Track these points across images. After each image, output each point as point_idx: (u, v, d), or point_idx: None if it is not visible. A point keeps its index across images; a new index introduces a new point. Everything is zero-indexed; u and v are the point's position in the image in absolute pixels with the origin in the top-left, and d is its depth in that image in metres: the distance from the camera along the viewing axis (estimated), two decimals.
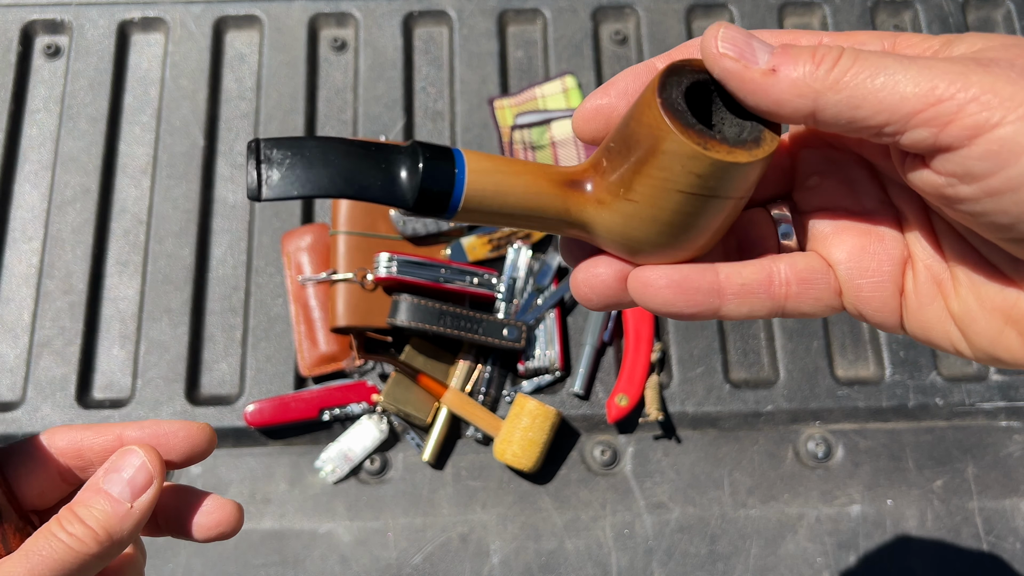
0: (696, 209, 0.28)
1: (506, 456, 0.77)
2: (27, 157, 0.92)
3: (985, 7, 1.02)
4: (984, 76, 0.22)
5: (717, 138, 0.27)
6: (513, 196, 0.30)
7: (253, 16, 0.98)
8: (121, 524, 0.32)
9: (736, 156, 0.26)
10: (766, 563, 0.77)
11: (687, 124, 0.27)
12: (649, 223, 0.28)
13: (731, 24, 0.26)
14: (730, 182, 0.27)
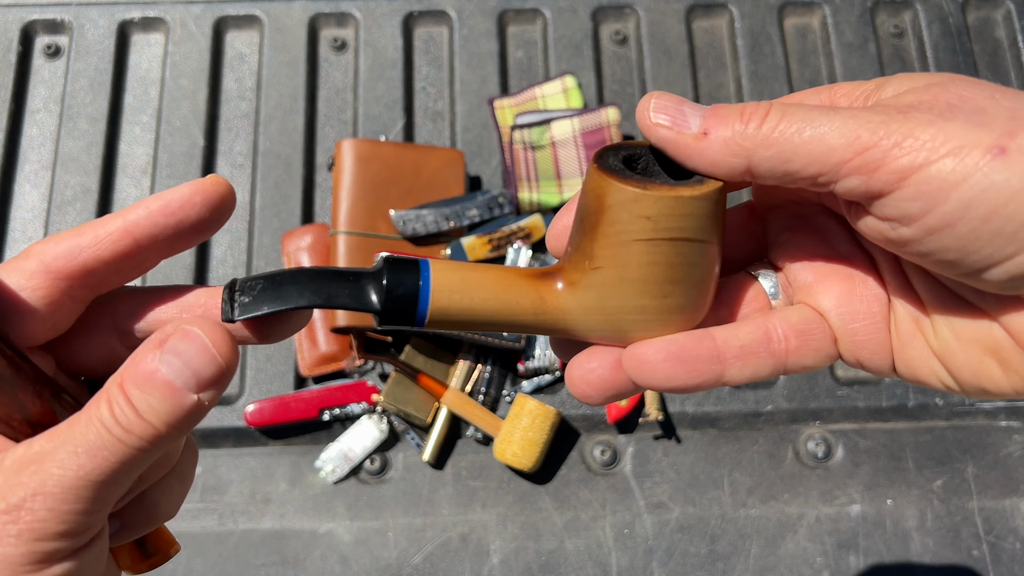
0: (659, 258, 0.27)
1: (506, 456, 0.77)
2: (27, 157, 0.92)
3: (985, 7, 1.02)
4: (903, 123, 0.23)
5: (657, 182, 0.27)
6: (484, 305, 0.29)
7: (253, 16, 0.98)
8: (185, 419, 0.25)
9: (679, 192, 0.26)
10: (766, 563, 0.77)
11: (624, 176, 0.27)
12: (619, 285, 0.28)
13: (663, 92, 0.27)
14: (682, 220, 0.26)
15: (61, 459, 0.24)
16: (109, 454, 0.24)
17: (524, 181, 0.88)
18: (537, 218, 0.87)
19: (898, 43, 1.01)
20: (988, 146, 0.22)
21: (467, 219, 0.85)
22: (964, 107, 0.23)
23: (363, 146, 0.84)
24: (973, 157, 0.22)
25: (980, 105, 0.23)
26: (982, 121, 0.22)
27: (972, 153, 0.22)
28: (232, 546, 0.77)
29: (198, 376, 0.25)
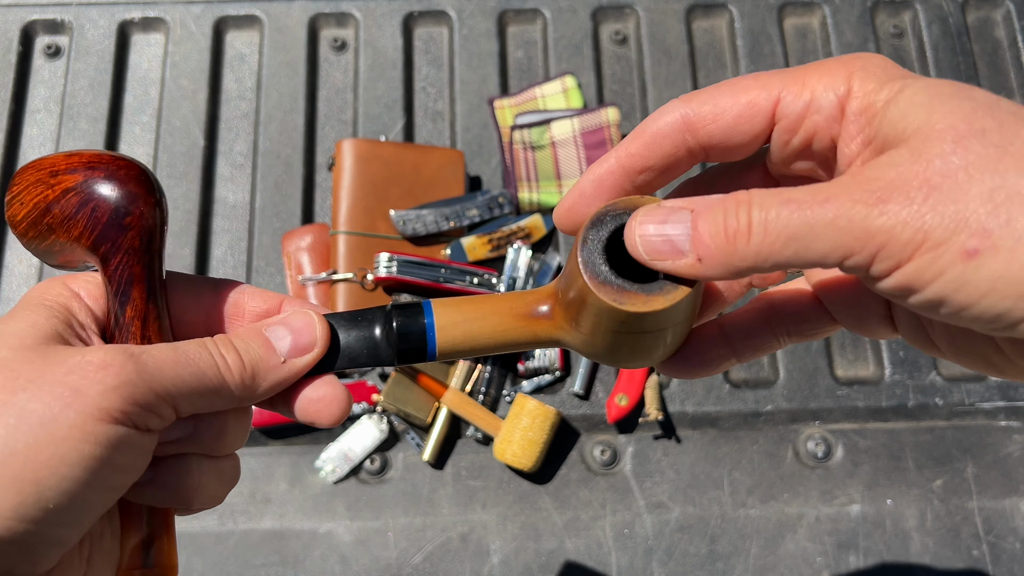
0: (635, 343, 0.31)
1: (506, 456, 0.77)
2: (28, 157, 0.92)
3: (984, 7, 1.03)
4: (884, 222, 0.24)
5: (634, 290, 0.29)
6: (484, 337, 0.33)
7: (253, 16, 0.98)
8: (268, 374, 0.32)
9: (652, 304, 0.28)
10: (766, 563, 0.77)
11: (604, 281, 0.29)
12: (602, 348, 0.32)
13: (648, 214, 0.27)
14: (654, 323, 0.29)
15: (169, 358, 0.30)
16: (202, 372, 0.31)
17: (524, 181, 0.88)
18: (537, 218, 0.87)
19: (898, 43, 1.01)
20: (960, 248, 0.23)
21: (467, 219, 0.85)
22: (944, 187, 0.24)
23: (363, 146, 0.84)
24: (947, 257, 0.23)
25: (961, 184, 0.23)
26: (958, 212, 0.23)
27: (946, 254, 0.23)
28: (232, 546, 0.77)
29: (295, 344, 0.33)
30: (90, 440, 0.28)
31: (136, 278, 0.34)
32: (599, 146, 0.88)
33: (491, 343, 0.33)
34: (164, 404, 0.30)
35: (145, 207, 0.35)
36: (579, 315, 0.31)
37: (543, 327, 0.33)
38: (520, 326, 0.34)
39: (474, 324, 0.33)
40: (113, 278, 0.34)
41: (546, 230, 0.88)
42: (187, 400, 0.31)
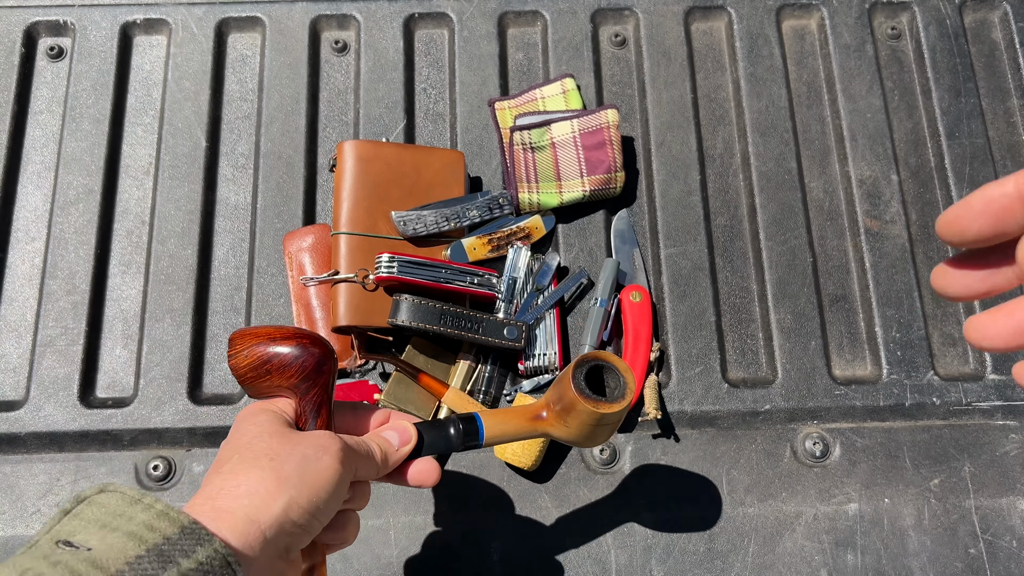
0: (600, 430, 0.62)
1: (506, 455, 0.78)
2: (30, 158, 0.93)
3: (982, 9, 1.03)
4: None
5: (604, 400, 0.60)
6: (510, 432, 0.63)
7: (255, 18, 0.98)
8: (391, 456, 0.59)
9: (613, 408, 0.60)
10: (764, 561, 0.78)
11: (587, 397, 0.60)
12: (579, 438, 0.63)
13: None
14: (614, 417, 0.61)
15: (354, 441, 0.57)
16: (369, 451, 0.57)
17: (524, 182, 0.88)
18: (537, 219, 0.88)
19: (895, 45, 1.01)
20: None
21: (467, 219, 0.85)
22: None
23: (364, 147, 0.85)
24: None
25: None
26: None
27: None
28: None
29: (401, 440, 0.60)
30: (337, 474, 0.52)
31: (323, 402, 0.59)
32: (598, 147, 0.89)
33: (513, 435, 0.64)
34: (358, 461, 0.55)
35: (332, 363, 0.59)
36: (567, 417, 0.61)
37: (542, 425, 0.63)
38: (529, 425, 0.63)
39: (504, 426, 0.63)
40: (310, 401, 0.58)
41: (546, 230, 0.88)
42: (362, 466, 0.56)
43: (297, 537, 0.50)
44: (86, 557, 0.41)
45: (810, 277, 0.90)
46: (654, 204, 0.92)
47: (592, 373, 0.61)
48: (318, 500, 0.50)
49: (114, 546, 0.42)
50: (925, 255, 0.92)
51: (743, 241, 0.91)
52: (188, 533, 0.44)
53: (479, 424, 0.61)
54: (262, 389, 0.58)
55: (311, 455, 0.52)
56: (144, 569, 0.41)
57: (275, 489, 0.49)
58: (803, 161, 0.95)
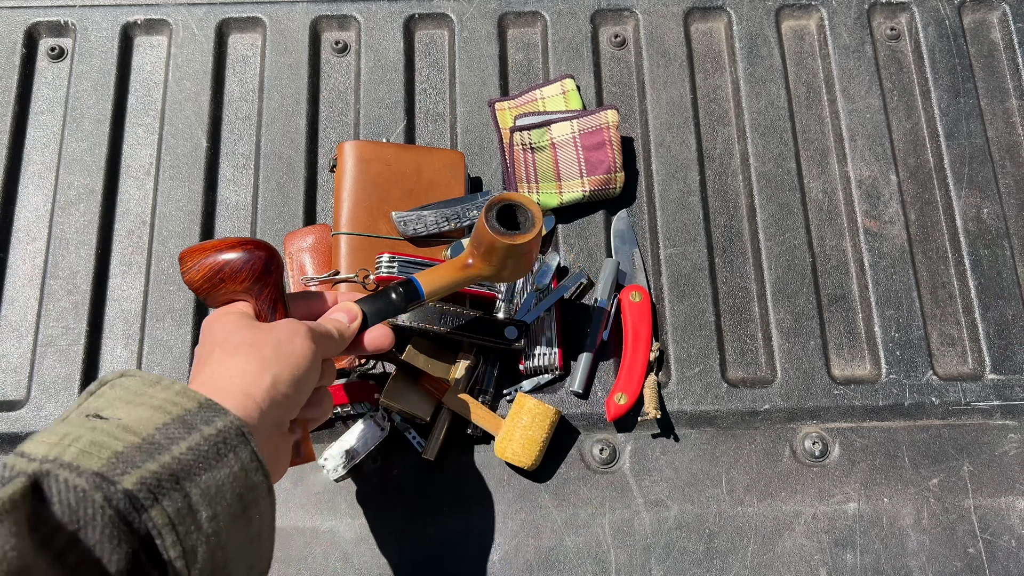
0: (521, 262, 0.70)
1: (506, 454, 0.78)
2: (31, 158, 0.93)
3: (981, 9, 1.03)
4: None
5: (514, 233, 0.67)
6: (447, 282, 0.70)
7: (256, 19, 0.99)
8: (345, 330, 0.64)
9: (527, 237, 0.67)
10: (763, 560, 0.78)
11: (499, 232, 0.66)
12: (505, 272, 0.70)
13: None
14: (528, 246, 0.68)
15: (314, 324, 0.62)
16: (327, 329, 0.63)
17: (524, 182, 0.89)
18: None
19: (894, 45, 1.01)
20: None
21: (467, 220, 0.86)
22: None
23: (364, 147, 0.85)
24: None
25: None
26: None
27: None
28: None
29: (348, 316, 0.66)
30: (311, 350, 0.58)
31: (278, 297, 0.64)
32: (598, 148, 0.89)
33: (449, 285, 0.70)
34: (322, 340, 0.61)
35: (279, 261, 0.64)
36: (490, 256, 0.69)
37: (472, 271, 0.70)
38: (461, 274, 0.71)
39: (439, 279, 0.70)
40: (266, 299, 0.63)
41: (546, 230, 0.88)
42: (326, 344, 0.61)
43: (286, 409, 0.56)
44: (118, 423, 0.46)
45: (809, 277, 0.90)
46: (654, 204, 0.92)
47: (503, 213, 0.68)
48: (299, 373, 0.57)
49: (142, 417, 0.47)
50: (924, 255, 0.92)
51: (742, 241, 0.92)
52: (206, 407, 0.49)
53: (416, 283, 0.68)
54: (219, 297, 0.63)
55: (283, 339, 0.58)
56: (172, 434, 0.47)
57: (260, 369, 0.55)
58: (802, 161, 0.95)
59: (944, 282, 0.91)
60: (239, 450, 0.49)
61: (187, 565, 0.44)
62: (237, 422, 0.50)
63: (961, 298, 0.90)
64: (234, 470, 0.48)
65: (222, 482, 0.47)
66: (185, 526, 0.44)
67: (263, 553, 0.52)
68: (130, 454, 0.44)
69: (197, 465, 0.46)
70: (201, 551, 0.45)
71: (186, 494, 0.45)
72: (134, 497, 0.43)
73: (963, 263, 0.91)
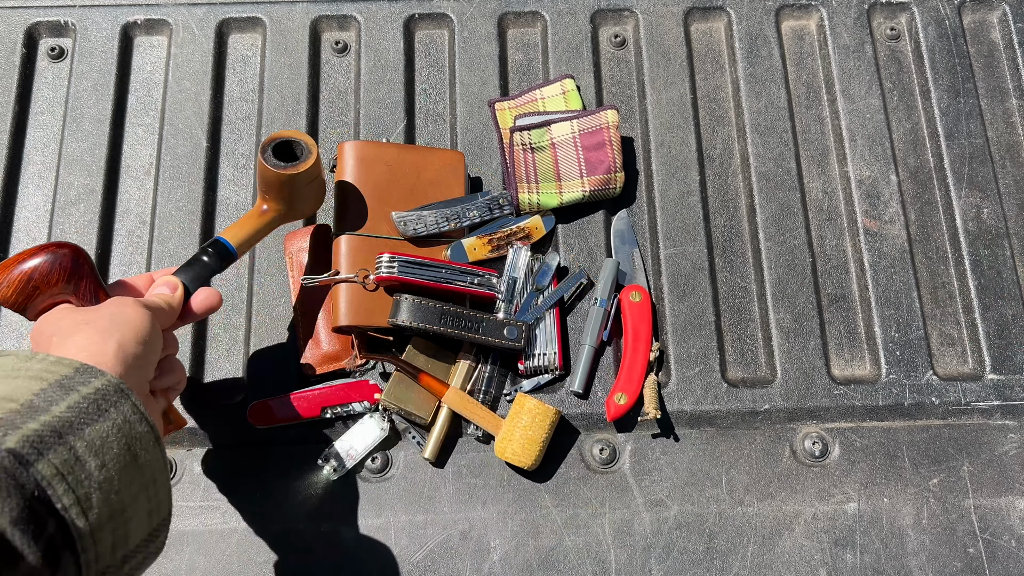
0: (308, 190, 0.77)
1: (506, 454, 0.78)
2: (31, 158, 0.93)
3: (981, 9, 1.03)
4: None
5: (295, 164, 0.73)
6: (250, 232, 0.76)
7: (256, 19, 0.99)
8: (172, 301, 0.68)
9: (305, 165, 0.73)
10: (763, 560, 0.78)
11: (279, 167, 0.73)
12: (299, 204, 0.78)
13: None
14: (307, 175, 0.74)
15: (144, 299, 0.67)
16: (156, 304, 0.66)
17: (524, 182, 0.89)
18: (537, 219, 0.88)
19: (894, 45, 1.01)
20: None
21: (467, 220, 0.86)
22: None
23: (365, 148, 0.85)
24: None
25: None
26: None
27: None
28: (235, 544, 0.77)
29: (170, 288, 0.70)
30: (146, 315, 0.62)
31: (97, 286, 0.66)
32: (598, 148, 0.89)
33: (254, 233, 0.76)
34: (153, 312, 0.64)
35: (84, 253, 0.66)
36: (279, 194, 0.75)
37: (268, 215, 0.76)
38: (260, 220, 0.76)
39: (243, 231, 0.75)
40: (86, 292, 0.65)
41: (546, 230, 0.88)
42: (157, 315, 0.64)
43: (140, 369, 0.59)
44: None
45: (809, 277, 0.90)
46: (654, 204, 0.92)
47: (279, 149, 0.74)
48: (142, 334, 0.60)
49: (19, 387, 0.50)
50: (924, 255, 0.92)
51: (742, 241, 0.92)
52: (82, 371, 0.53)
53: (223, 241, 0.74)
54: (38, 305, 0.64)
55: (116, 311, 0.61)
56: (50, 397, 0.50)
57: (103, 339, 0.58)
58: (802, 161, 0.95)
59: (944, 282, 0.91)
60: (120, 404, 0.52)
61: (83, 511, 0.47)
62: (115, 380, 0.53)
63: (961, 298, 0.90)
64: (117, 422, 0.51)
65: (106, 433, 0.50)
66: (74, 475, 0.47)
67: (160, 500, 0.55)
68: (10, 418, 0.47)
69: (79, 420, 0.49)
70: (96, 497, 0.48)
71: (71, 447, 0.48)
72: (17, 454, 0.45)
73: (963, 263, 0.91)
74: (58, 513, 0.46)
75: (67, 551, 0.46)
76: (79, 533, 0.47)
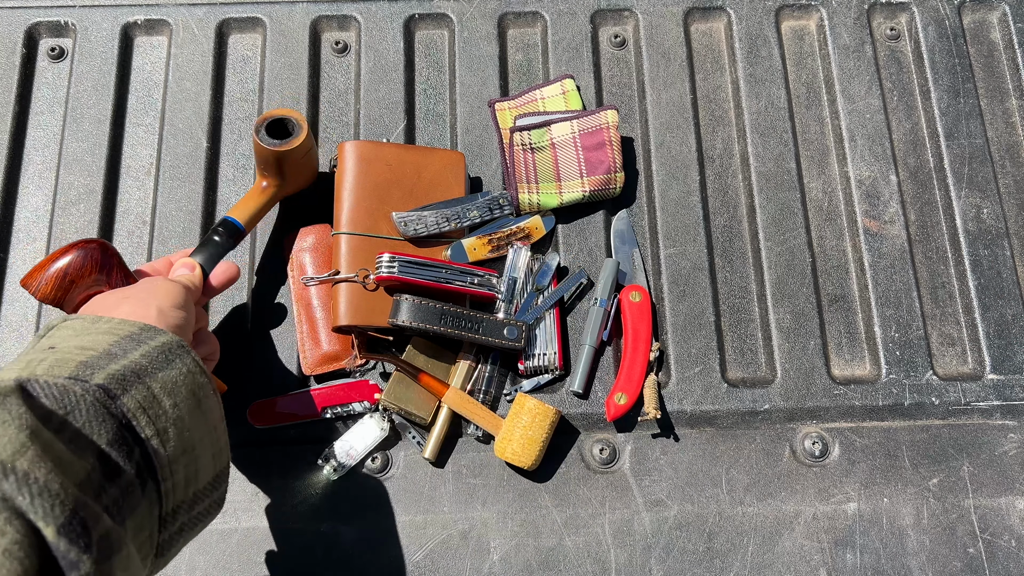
0: (303, 165, 0.83)
1: (506, 454, 0.78)
2: (31, 158, 0.93)
3: (981, 9, 1.03)
4: None
5: (283, 143, 0.78)
6: (254, 209, 0.81)
7: (256, 19, 0.99)
8: (192, 279, 0.73)
9: (297, 141, 0.79)
10: (763, 560, 0.78)
11: (274, 144, 0.78)
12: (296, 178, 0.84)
13: None
14: (303, 147, 0.80)
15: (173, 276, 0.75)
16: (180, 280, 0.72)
17: (524, 182, 0.89)
18: (537, 219, 0.88)
19: (894, 45, 1.01)
20: None
21: (468, 220, 0.86)
22: None
23: (365, 148, 0.85)
24: None
25: None
26: None
27: None
28: (235, 544, 0.77)
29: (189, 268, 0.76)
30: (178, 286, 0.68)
31: (127, 273, 0.72)
32: (598, 148, 0.89)
33: (258, 209, 0.81)
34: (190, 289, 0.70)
35: (112, 248, 0.71)
36: (277, 171, 0.80)
37: (268, 191, 0.82)
38: (262, 196, 0.82)
39: (247, 209, 0.80)
40: (118, 280, 0.71)
41: (546, 231, 0.88)
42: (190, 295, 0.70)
43: (182, 330, 0.64)
44: (75, 346, 0.54)
45: (809, 277, 0.90)
46: (653, 204, 0.92)
47: (272, 127, 0.79)
48: (178, 300, 0.66)
49: (96, 340, 0.55)
50: (924, 255, 0.92)
51: (742, 241, 0.92)
52: (146, 329, 0.58)
53: (231, 219, 0.79)
54: (76, 299, 0.69)
55: (150, 285, 0.67)
56: (124, 347, 0.55)
57: (145, 307, 0.63)
58: (802, 161, 0.95)
59: (944, 282, 0.91)
60: (183, 357, 0.58)
61: (162, 443, 0.52)
62: (176, 338, 0.59)
63: (961, 298, 0.90)
64: (183, 371, 0.57)
65: (176, 379, 0.56)
66: (154, 410, 0.53)
67: (222, 445, 0.60)
68: (93, 362, 0.53)
69: (152, 366, 0.55)
70: (172, 431, 0.53)
71: (148, 387, 0.53)
72: (106, 388, 0.51)
73: (963, 263, 0.91)
74: (143, 441, 0.51)
75: (151, 478, 0.51)
76: (159, 462, 0.52)
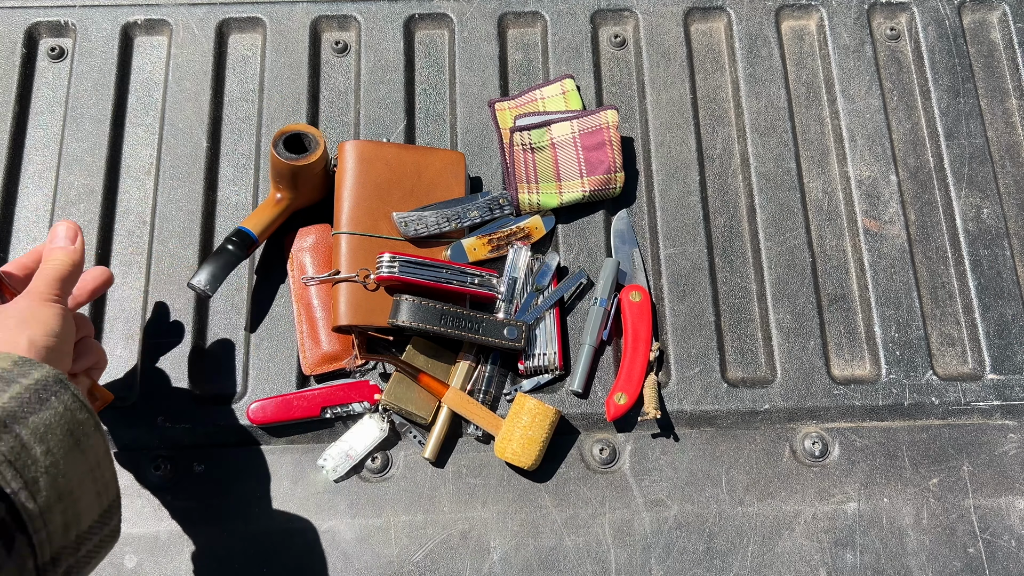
0: (318, 179, 0.84)
1: (506, 454, 0.78)
2: (31, 158, 0.93)
3: (981, 9, 1.03)
4: None
5: (300, 157, 0.81)
6: (268, 219, 0.83)
7: (256, 19, 0.99)
8: (75, 254, 0.68)
9: (313, 156, 0.81)
10: (763, 560, 0.78)
11: (291, 159, 0.80)
12: (310, 192, 0.85)
13: None
14: (317, 164, 0.82)
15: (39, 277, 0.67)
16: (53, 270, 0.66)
17: (524, 182, 0.89)
18: (536, 219, 0.88)
19: (894, 45, 1.01)
20: None
21: (468, 220, 0.86)
22: None
23: (365, 147, 0.85)
24: None
25: None
26: None
27: None
28: (235, 544, 0.77)
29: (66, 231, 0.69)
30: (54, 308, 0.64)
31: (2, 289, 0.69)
32: (598, 148, 0.89)
33: (271, 220, 0.83)
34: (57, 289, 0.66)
35: None
36: (291, 184, 0.82)
37: (283, 203, 0.83)
38: (276, 208, 0.83)
39: (261, 219, 0.83)
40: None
41: (546, 230, 0.88)
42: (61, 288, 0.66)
43: (56, 359, 0.62)
44: None
45: (809, 277, 0.90)
46: (653, 204, 0.92)
47: (290, 142, 0.81)
48: (51, 328, 0.62)
49: None
50: (924, 255, 0.92)
51: (742, 241, 0.92)
52: (21, 364, 0.56)
53: (245, 230, 0.81)
54: None
55: (24, 307, 0.63)
56: None
57: (11, 337, 0.60)
58: (802, 161, 0.95)
59: (944, 282, 0.91)
60: (60, 393, 0.55)
61: (31, 495, 0.50)
62: (54, 371, 0.56)
63: (961, 298, 0.90)
64: (59, 411, 0.54)
65: (50, 421, 0.53)
66: (21, 461, 0.51)
67: (107, 482, 0.58)
68: None
69: (22, 410, 0.52)
70: (43, 480, 0.51)
71: (16, 435, 0.51)
72: None
73: (963, 263, 0.91)
74: (8, 497, 0.49)
75: (20, 532, 0.50)
76: (29, 515, 0.50)
